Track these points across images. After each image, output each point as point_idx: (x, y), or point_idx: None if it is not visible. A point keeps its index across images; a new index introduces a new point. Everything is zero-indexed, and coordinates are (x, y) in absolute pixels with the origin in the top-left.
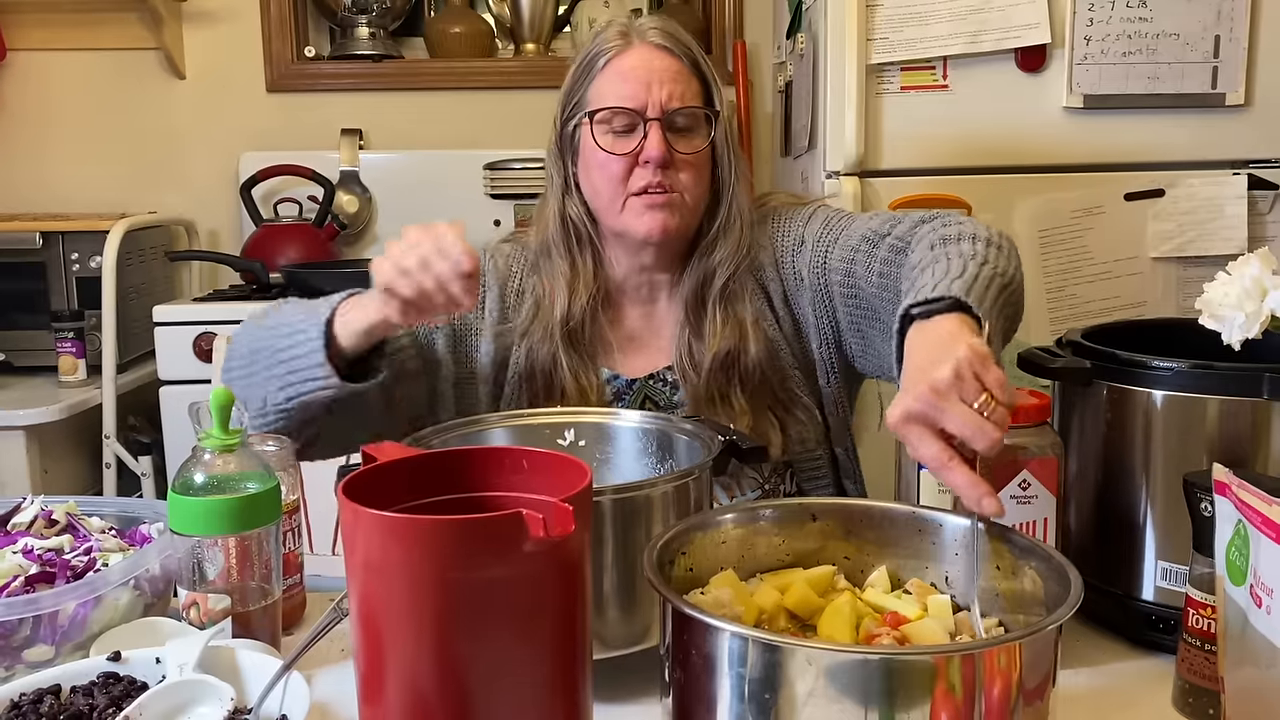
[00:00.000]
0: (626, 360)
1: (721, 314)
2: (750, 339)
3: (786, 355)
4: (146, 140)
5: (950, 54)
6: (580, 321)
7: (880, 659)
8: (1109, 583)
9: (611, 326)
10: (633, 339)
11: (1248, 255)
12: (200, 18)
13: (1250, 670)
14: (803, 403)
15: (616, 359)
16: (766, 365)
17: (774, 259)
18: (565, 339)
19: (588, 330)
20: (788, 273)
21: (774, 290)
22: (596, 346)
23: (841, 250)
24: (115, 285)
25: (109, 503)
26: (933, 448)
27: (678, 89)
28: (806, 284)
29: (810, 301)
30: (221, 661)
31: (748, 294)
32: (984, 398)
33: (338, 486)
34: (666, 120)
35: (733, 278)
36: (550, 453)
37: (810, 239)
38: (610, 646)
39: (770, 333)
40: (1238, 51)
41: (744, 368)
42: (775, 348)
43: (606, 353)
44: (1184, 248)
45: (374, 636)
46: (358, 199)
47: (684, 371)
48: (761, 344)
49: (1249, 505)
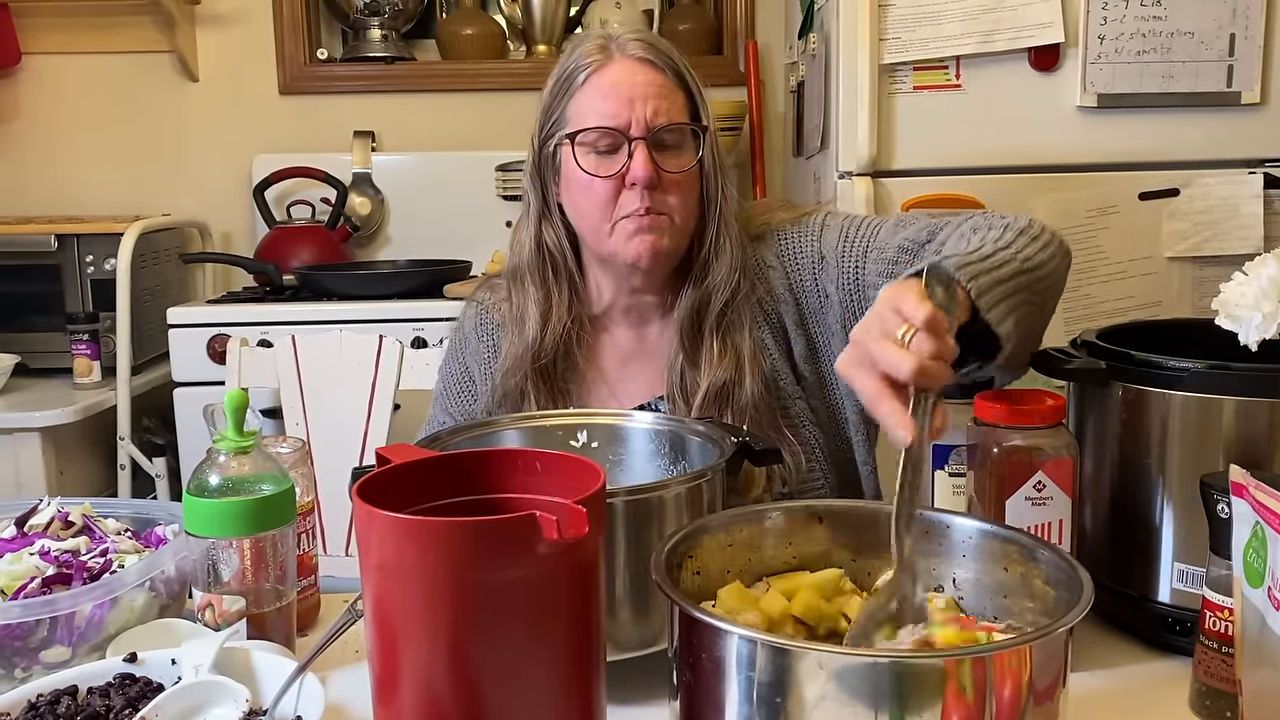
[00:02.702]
0: (616, 387)
1: (719, 344)
2: (747, 373)
3: (789, 384)
4: (160, 143)
5: (963, 53)
6: (552, 356)
7: (890, 662)
8: (1125, 584)
9: (590, 359)
10: (625, 364)
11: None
12: (213, 20)
13: (1268, 672)
14: (803, 432)
15: (594, 393)
16: (760, 400)
17: (787, 281)
18: (536, 372)
19: (560, 365)
20: (808, 292)
21: (787, 313)
22: (570, 383)
23: (876, 264)
24: (130, 287)
25: (124, 504)
26: (868, 381)
27: (663, 105)
28: (835, 300)
29: (840, 319)
30: (237, 663)
31: (747, 324)
32: (905, 327)
33: (352, 488)
34: (652, 138)
35: (730, 304)
36: (563, 454)
37: (831, 255)
38: (623, 649)
39: (771, 364)
40: (1253, 49)
41: (738, 402)
42: (775, 379)
43: (581, 388)
44: (1199, 247)
45: (388, 638)
46: (370, 201)
47: (675, 400)
48: (758, 378)
49: (1266, 507)
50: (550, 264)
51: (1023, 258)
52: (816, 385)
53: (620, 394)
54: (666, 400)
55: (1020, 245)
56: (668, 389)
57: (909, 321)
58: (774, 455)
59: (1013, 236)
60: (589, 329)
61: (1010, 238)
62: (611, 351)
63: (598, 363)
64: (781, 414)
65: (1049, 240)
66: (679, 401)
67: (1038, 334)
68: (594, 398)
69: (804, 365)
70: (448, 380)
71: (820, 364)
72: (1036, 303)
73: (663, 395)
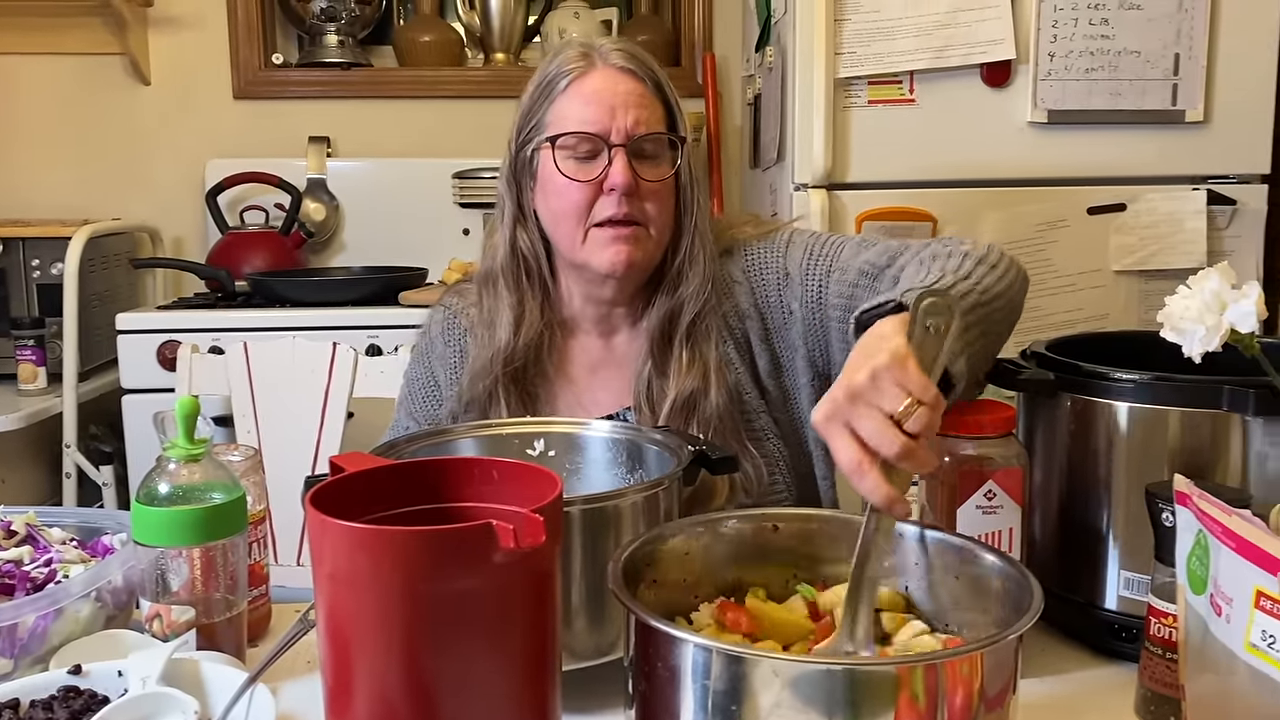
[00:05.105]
0: (584, 395)
1: (688, 354)
2: (713, 384)
3: (753, 398)
4: (111, 146)
5: (917, 69)
6: (523, 362)
7: (844, 670)
8: (1073, 592)
9: (561, 366)
10: (594, 371)
11: (1208, 270)
12: (166, 23)
13: (1210, 678)
14: (767, 445)
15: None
16: (725, 411)
17: (753, 297)
18: (506, 376)
19: (530, 371)
20: (773, 307)
21: (752, 328)
22: (539, 388)
23: (838, 285)
24: (77, 292)
25: (69, 513)
26: (848, 450)
27: (643, 114)
28: (798, 318)
29: (802, 335)
30: (185, 674)
31: (714, 336)
32: (908, 402)
33: (305, 497)
34: (632, 147)
35: (700, 316)
36: (520, 463)
37: (796, 271)
38: (579, 657)
39: (735, 377)
40: (1196, 69)
41: (703, 413)
42: (739, 392)
43: (550, 394)
44: (1146, 261)
45: (341, 648)
46: (325, 207)
47: (642, 409)
48: (723, 389)
49: (1209, 515)
50: (525, 268)
51: (981, 289)
52: (780, 399)
53: (588, 402)
54: (634, 410)
55: (980, 275)
56: (635, 398)
57: (913, 397)
58: (731, 464)
59: (972, 266)
60: (559, 335)
61: (970, 267)
62: (581, 359)
63: (567, 370)
64: (746, 427)
65: (1007, 268)
66: (645, 411)
67: (992, 359)
68: (561, 404)
69: (768, 380)
70: (413, 385)
71: (783, 379)
72: (993, 333)
73: (630, 406)
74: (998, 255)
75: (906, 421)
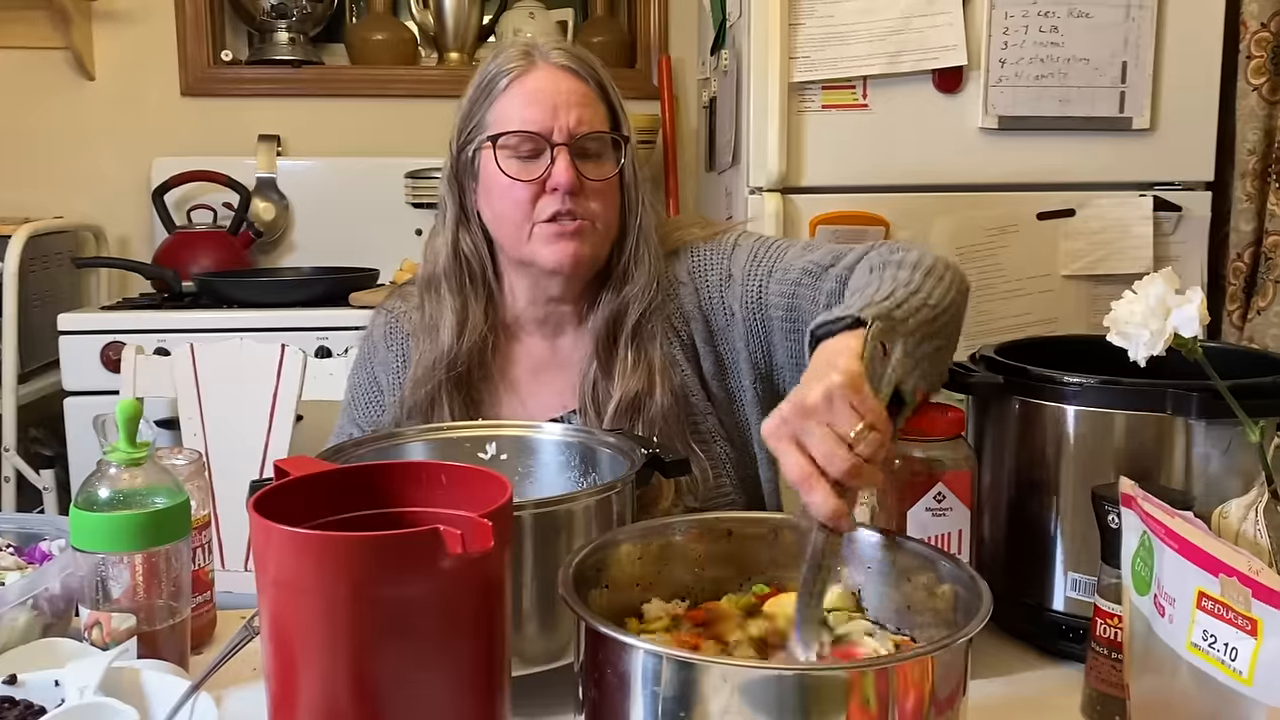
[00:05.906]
0: (528, 398)
1: (633, 355)
2: (658, 384)
3: (700, 400)
4: (53, 143)
5: (870, 74)
6: (466, 366)
7: (795, 675)
8: (1021, 593)
9: (504, 369)
10: (537, 374)
11: (1152, 275)
12: (111, 17)
13: (1154, 678)
14: (713, 448)
15: (505, 402)
16: (670, 412)
17: (697, 299)
18: (450, 381)
19: (474, 374)
20: (715, 309)
21: (696, 330)
22: (483, 392)
23: (780, 285)
24: (17, 292)
25: (7, 519)
26: (797, 465)
27: (586, 113)
28: (739, 319)
29: (743, 337)
30: (125, 683)
31: (659, 337)
32: (860, 426)
33: (249, 502)
34: (575, 146)
35: (645, 316)
36: (470, 467)
37: (739, 273)
38: (530, 663)
39: (681, 379)
40: (1143, 78)
41: (648, 413)
42: (685, 393)
43: (493, 398)
44: (1094, 266)
45: (286, 656)
46: (275, 206)
47: (587, 411)
48: (668, 391)
49: (1153, 517)
50: (468, 271)
51: (932, 303)
52: (725, 402)
53: (531, 405)
54: (579, 414)
55: (929, 288)
56: (580, 399)
57: (865, 421)
58: (683, 467)
59: (921, 279)
60: (503, 338)
61: (919, 280)
62: (525, 361)
63: (510, 372)
64: (692, 429)
65: (952, 279)
66: (590, 413)
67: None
68: (505, 408)
69: (713, 382)
70: (355, 390)
71: (729, 381)
72: (943, 345)
73: (574, 410)
74: (943, 266)
75: (858, 445)
